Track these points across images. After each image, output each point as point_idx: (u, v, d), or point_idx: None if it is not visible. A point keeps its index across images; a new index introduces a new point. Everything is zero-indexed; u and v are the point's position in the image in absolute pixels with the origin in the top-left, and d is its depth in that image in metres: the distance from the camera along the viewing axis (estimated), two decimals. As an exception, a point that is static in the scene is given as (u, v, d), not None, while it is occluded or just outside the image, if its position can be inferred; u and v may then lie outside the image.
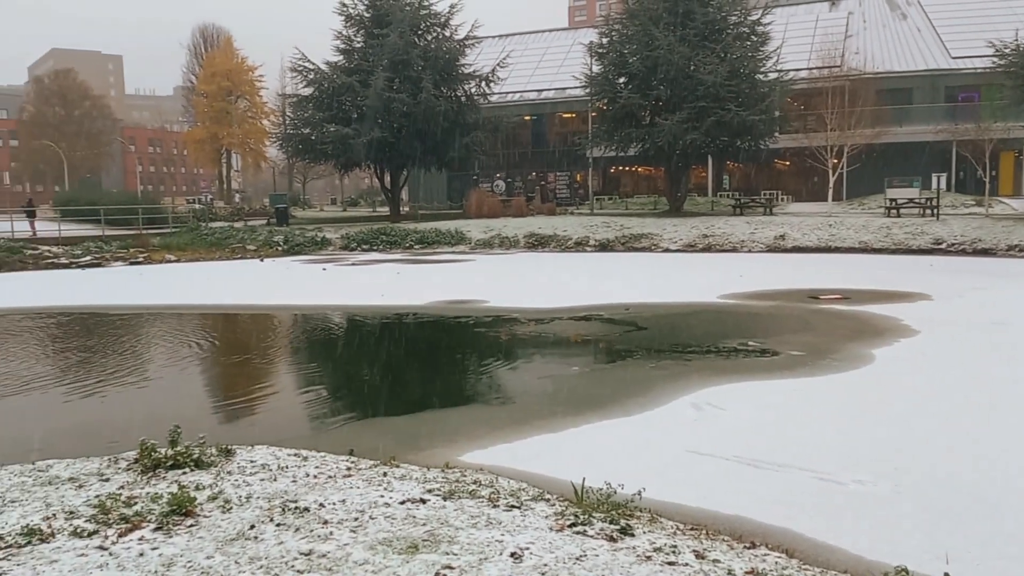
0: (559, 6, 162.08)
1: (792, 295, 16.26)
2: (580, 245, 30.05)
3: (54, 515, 4.61)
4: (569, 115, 53.72)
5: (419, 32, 42.81)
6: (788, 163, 47.70)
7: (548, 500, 5.18)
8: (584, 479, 5.21)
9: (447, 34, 43.89)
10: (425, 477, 5.57)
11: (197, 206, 53.29)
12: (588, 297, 16.63)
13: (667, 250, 28.65)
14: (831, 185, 39.08)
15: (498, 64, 44.32)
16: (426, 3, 43.05)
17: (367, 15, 42.59)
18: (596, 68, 39.74)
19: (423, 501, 4.96)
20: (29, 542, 4.20)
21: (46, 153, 69.50)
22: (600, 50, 39.38)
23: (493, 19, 59.38)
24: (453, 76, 43.06)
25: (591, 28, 54.89)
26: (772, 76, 37.21)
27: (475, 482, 5.48)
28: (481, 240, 31.65)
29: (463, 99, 43.80)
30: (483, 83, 44.22)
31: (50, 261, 27.04)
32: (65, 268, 26.14)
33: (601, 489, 5.03)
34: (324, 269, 24.19)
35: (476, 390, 9.74)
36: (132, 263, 27.27)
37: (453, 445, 6.89)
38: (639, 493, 4.94)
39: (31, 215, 37.08)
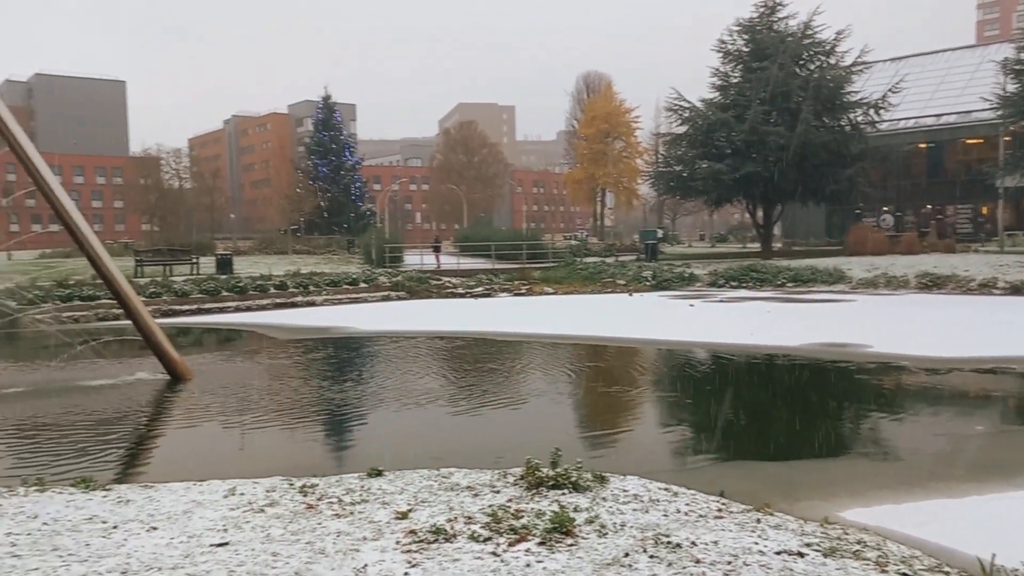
0: (965, 23, 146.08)
1: None
2: (986, 287, 26.42)
3: (455, 518, 5.17)
4: (974, 141, 47.85)
5: (801, 62, 41.40)
6: None
7: (947, 574, 4.57)
8: (993, 556, 4.51)
9: (832, 62, 41.89)
10: (802, 530, 5.25)
11: (573, 242, 56.75)
12: (996, 347, 14.51)
13: (1104, 295, 24.02)
14: None
15: (889, 89, 41.17)
16: (810, 32, 41.53)
17: (746, 50, 42.28)
18: (1012, 87, 35.00)
19: (801, 555, 4.67)
20: (436, 540, 4.75)
21: (450, 195, 79.15)
22: (1018, 66, 34.59)
23: (885, 42, 55.34)
24: (836, 105, 40.89)
25: (1006, 43, 48.44)
26: None
27: (859, 542, 5.03)
28: (863, 279, 29.32)
29: (847, 128, 41.35)
30: (870, 111, 41.34)
31: (449, 291, 30.60)
32: (461, 297, 29.35)
33: (1016, 571, 4.32)
34: (691, 305, 24.20)
35: (856, 442, 8.99)
36: (516, 295, 29.79)
37: (831, 499, 6.41)
38: (1070, 584, 4.15)
39: (437, 250, 42.42)
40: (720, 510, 5.63)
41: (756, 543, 4.85)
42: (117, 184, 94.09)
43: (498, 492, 5.85)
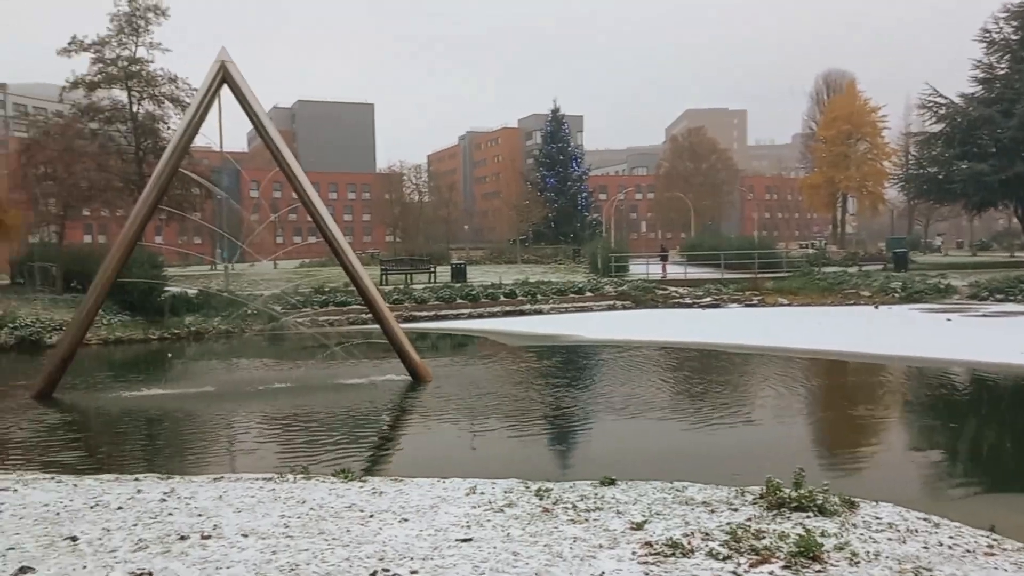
0: None
1: None
2: None
3: (692, 533, 5.05)
4: None
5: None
6: None
7: None
8: None
9: None
10: (1097, 578, 4.59)
11: (810, 250, 53.69)
12: None
13: None
14: None
15: None
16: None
17: (1015, 38, 38.04)
18: None
19: (1096, 608, 4.08)
20: (673, 554, 4.66)
21: (676, 203, 77.91)
22: None
23: None
24: None
25: None
26: None
27: None
28: None
29: None
30: None
31: (676, 300, 30.08)
32: (687, 307, 28.74)
33: None
34: (948, 319, 22.05)
35: None
36: (746, 305, 28.70)
37: None
38: None
39: (663, 259, 41.86)
40: (991, 546, 5.05)
41: (1039, 588, 4.31)
42: (365, 199, 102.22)
43: (736, 510, 5.64)
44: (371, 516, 5.60)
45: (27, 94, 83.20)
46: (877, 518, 5.52)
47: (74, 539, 5.13)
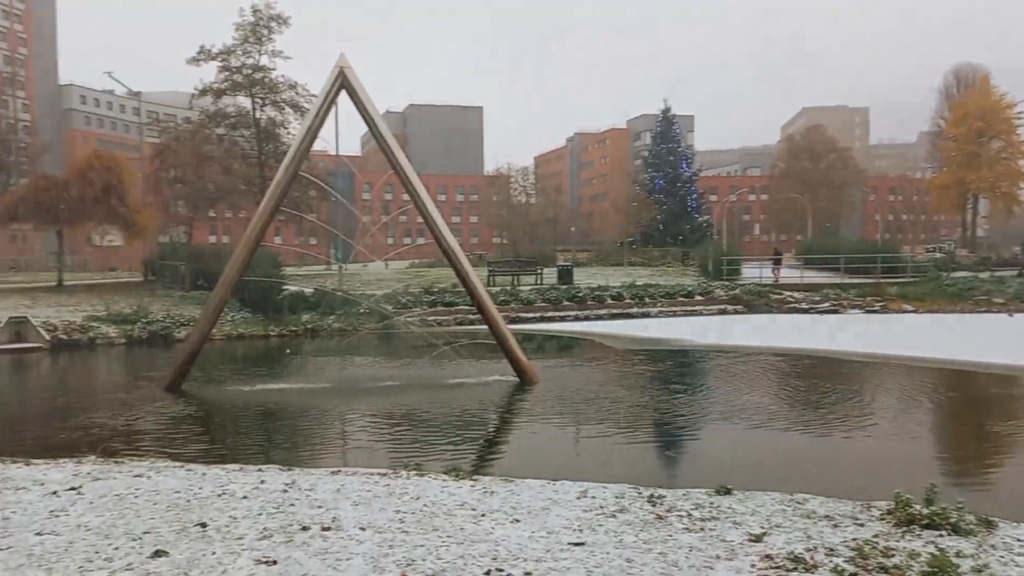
0: None
1: None
2: None
3: (815, 548, 4.84)
4: None
5: None
6: None
7: None
8: None
9: None
10: None
11: (938, 254, 50.93)
12: None
13: None
14: None
15: None
16: None
17: None
18: None
19: None
20: (795, 568, 4.47)
21: (792, 204, 75.43)
22: None
23: None
24: None
25: None
26: None
27: None
28: None
29: None
30: None
31: (791, 305, 29.06)
32: (804, 313, 27.72)
33: None
34: (1094, 329, 20.49)
35: None
36: (868, 311, 27.44)
37: None
38: None
39: (777, 262, 40.51)
40: None
41: None
42: (473, 200, 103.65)
43: (862, 525, 5.37)
44: (483, 515, 5.63)
45: (159, 101, 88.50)
46: (1019, 540, 5.16)
47: (203, 525, 5.38)
